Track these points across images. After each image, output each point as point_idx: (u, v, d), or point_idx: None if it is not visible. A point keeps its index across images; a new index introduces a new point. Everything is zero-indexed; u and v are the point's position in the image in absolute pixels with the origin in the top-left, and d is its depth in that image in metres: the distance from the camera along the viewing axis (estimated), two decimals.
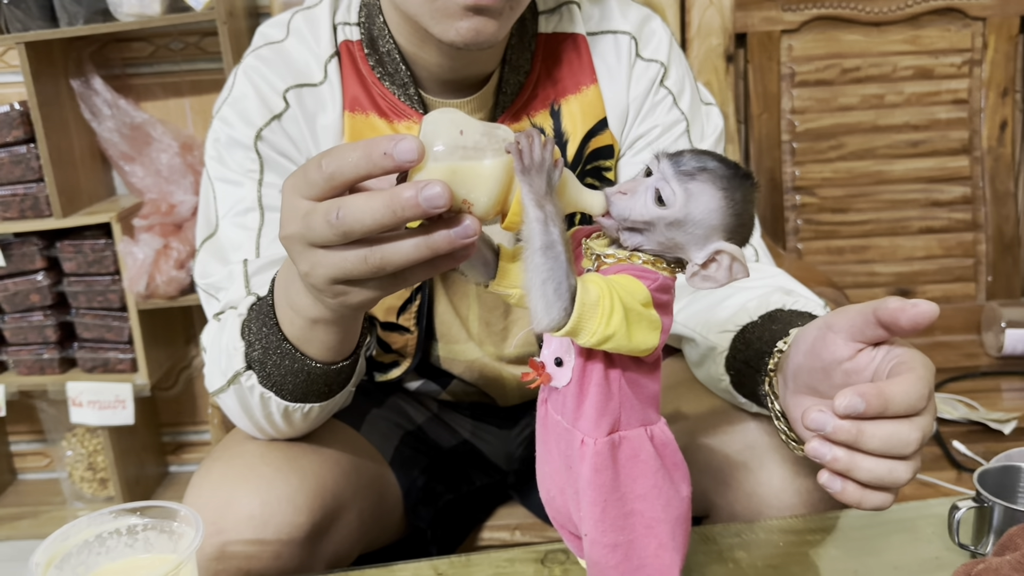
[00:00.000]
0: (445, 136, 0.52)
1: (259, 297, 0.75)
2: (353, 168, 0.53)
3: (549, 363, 0.56)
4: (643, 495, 0.56)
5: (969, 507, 0.69)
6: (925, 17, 1.78)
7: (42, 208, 1.79)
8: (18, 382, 1.91)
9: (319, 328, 0.67)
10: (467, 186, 0.52)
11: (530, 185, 0.51)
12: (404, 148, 0.51)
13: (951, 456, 1.38)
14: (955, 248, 1.81)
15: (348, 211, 0.52)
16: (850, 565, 0.70)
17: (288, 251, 0.59)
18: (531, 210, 0.51)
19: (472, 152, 0.52)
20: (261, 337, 0.72)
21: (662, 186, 0.53)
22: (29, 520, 2.03)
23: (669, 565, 0.57)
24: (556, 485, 0.59)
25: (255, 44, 0.91)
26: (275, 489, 0.76)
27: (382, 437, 0.98)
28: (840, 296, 1.31)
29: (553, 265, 0.50)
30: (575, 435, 0.56)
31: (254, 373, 0.74)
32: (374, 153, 0.52)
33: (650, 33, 0.93)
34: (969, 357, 1.72)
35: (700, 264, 0.54)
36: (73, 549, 0.62)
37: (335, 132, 0.87)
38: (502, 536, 1.09)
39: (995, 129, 1.80)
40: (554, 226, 0.50)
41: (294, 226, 0.56)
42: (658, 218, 0.53)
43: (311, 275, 0.57)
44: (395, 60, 0.86)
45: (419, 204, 0.50)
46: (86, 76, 1.84)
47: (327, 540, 0.80)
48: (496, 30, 0.76)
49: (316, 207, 0.54)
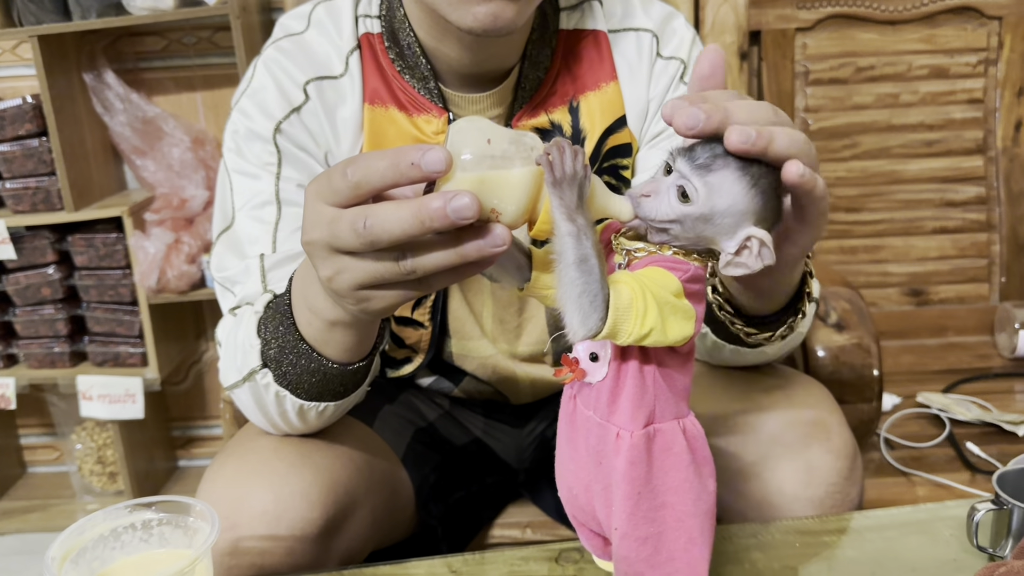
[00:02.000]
0: (472, 145, 0.52)
1: (276, 295, 0.75)
2: (380, 177, 0.53)
3: (584, 359, 0.56)
4: (675, 488, 0.56)
5: (988, 509, 0.68)
6: (941, 16, 1.77)
7: (54, 202, 1.80)
8: (29, 375, 1.92)
9: (337, 330, 0.67)
10: (495, 195, 0.52)
11: (561, 198, 0.50)
12: (432, 159, 0.51)
13: (965, 458, 1.37)
14: (969, 248, 1.80)
15: (376, 220, 0.52)
16: (867, 567, 0.70)
17: (310, 256, 0.58)
18: (563, 224, 0.50)
19: (500, 161, 0.52)
20: (278, 336, 0.72)
21: (684, 183, 0.53)
22: (39, 513, 2.03)
23: (698, 559, 0.57)
24: (581, 482, 0.59)
25: (275, 36, 0.91)
26: (288, 485, 0.76)
27: (394, 434, 0.97)
28: (855, 296, 1.30)
29: (587, 279, 0.50)
30: (609, 429, 0.56)
31: (270, 371, 0.74)
32: (402, 163, 0.52)
33: (672, 32, 0.92)
34: (982, 358, 1.71)
35: (734, 252, 0.54)
36: (88, 544, 0.62)
37: (355, 125, 0.87)
38: (513, 534, 1.08)
39: (1010, 129, 1.78)
40: (587, 239, 0.50)
41: (318, 232, 0.56)
42: (684, 215, 0.53)
43: (334, 280, 0.57)
44: (415, 53, 0.86)
45: (447, 215, 0.50)
46: (98, 70, 1.84)
47: (340, 536, 0.80)
48: (515, 15, 0.75)
49: (342, 214, 0.54)
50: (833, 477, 0.79)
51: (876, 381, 1.23)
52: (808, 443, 0.80)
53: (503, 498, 1.11)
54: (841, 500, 0.80)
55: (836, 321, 1.26)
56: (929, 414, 1.51)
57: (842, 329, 1.25)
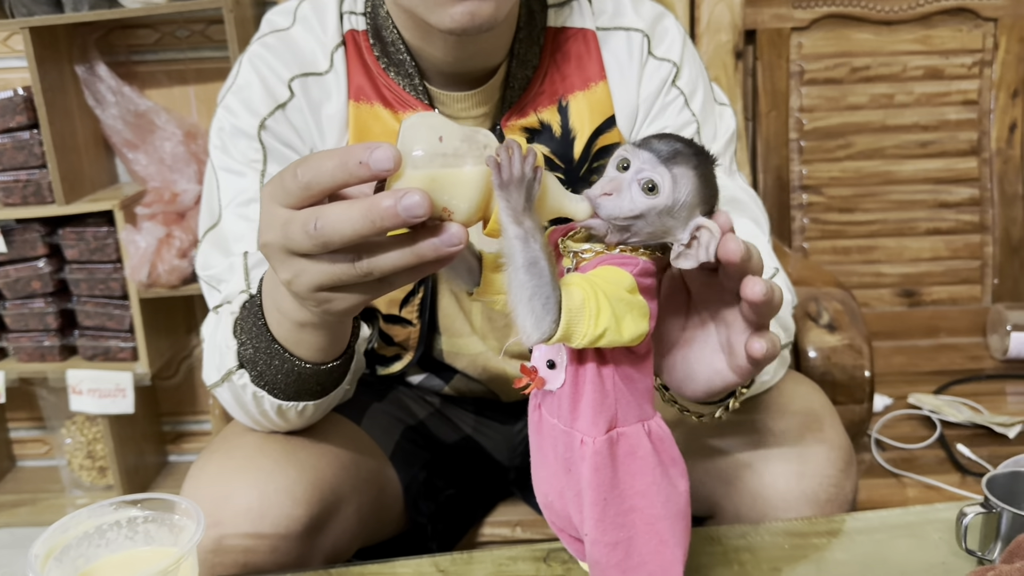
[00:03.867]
0: (424, 142, 0.51)
1: (252, 294, 0.75)
2: (330, 177, 0.52)
3: (541, 367, 0.56)
4: (642, 492, 0.55)
5: (977, 513, 0.68)
6: (936, 17, 1.76)
7: (44, 195, 1.79)
8: (18, 369, 1.91)
9: (307, 331, 0.67)
10: (447, 193, 0.51)
11: (508, 201, 0.50)
12: (380, 157, 0.50)
13: (955, 459, 1.37)
14: (962, 250, 1.80)
15: (326, 221, 0.52)
16: (856, 569, 0.70)
17: (269, 259, 0.58)
18: (510, 227, 0.50)
19: (452, 159, 0.51)
20: (252, 336, 0.71)
21: (652, 175, 0.53)
22: (28, 507, 2.03)
23: (671, 561, 0.56)
24: (554, 489, 0.59)
25: (261, 32, 0.90)
26: (273, 481, 0.75)
27: (383, 431, 0.97)
28: (847, 296, 1.30)
29: (538, 281, 0.50)
30: (574, 436, 0.55)
31: (246, 372, 0.74)
32: (350, 162, 0.51)
33: (663, 31, 0.92)
34: (974, 360, 1.71)
35: (685, 244, 0.54)
36: (73, 541, 0.62)
37: (340, 122, 0.87)
38: (503, 532, 1.08)
39: (1004, 131, 1.79)
40: (535, 241, 0.50)
41: (272, 234, 0.55)
42: (650, 208, 0.53)
43: (293, 283, 0.57)
44: (400, 51, 0.85)
45: (398, 214, 0.50)
46: (90, 62, 1.83)
47: (325, 534, 0.80)
48: (493, 11, 0.74)
49: (294, 216, 0.53)
50: (828, 469, 0.79)
51: (868, 382, 1.22)
52: (802, 436, 0.80)
53: (494, 496, 1.11)
54: (836, 494, 0.79)
55: (828, 322, 1.26)
56: (920, 415, 1.51)
57: (834, 330, 1.25)
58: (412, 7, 0.76)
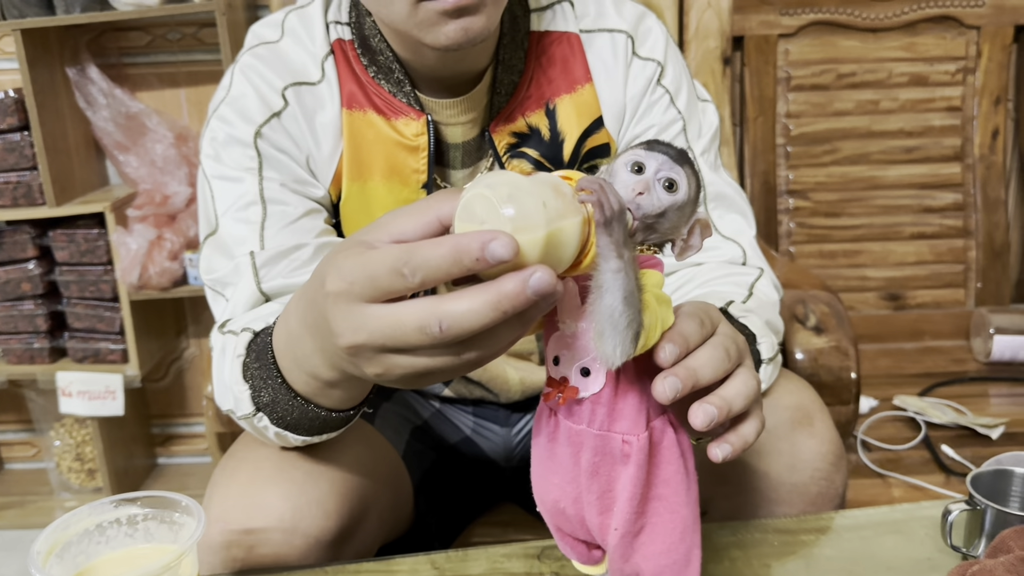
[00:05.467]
0: (513, 203, 0.47)
1: (255, 333, 0.73)
2: (444, 275, 0.48)
3: (573, 376, 0.56)
4: (667, 480, 0.57)
5: (962, 510, 0.70)
6: (921, 24, 1.79)
7: (35, 196, 1.78)
8: (7, 371, 1.90)
9: (338, 387, 0.65)
10: (557, 251, 0.48)
11: (611, 236, 0.50)
12: (498, 251, 0.46)
13: (940, 460, 1.39)
14: (946, 254, 1.83)
15: (453, 321, 0.47)
16: (844, 565, 0.71)
17: (355, 360, 0.53)
18: (612, 261, 0.50)
19: (551, 213, 0.47)
20: (268, 388, 0.69)
21: (671, 175, 0.55)
22: (16, 510, 2.02)
23: (691, 547, 0.58)
24: (568, 496, 0.59)
25: (249, 43, 0.90)
26: (305, 494, 0.75)
27: (394, 432, 0.97)
28: (834, 299, 1.32)
29: (634, 312, 0.50)
30: (611, 439, 0.56)
31: (265, 415, 0.72)
32: (464, 259, 0.46)
33: (646, 31, 0.93)
34: (957, 362, 1.74)
35: (685, 239, 0.56)
36: (74, 538, 0.62)
37: (334, 130, 0.87)
38: (494, 533, 1.09)
39: (987, 137, 1.81)
40: (633, 272, 0.50)
41: (364, 336, 0.50)
42: (671, 205, 0.55)
43: (385, 376, 0.53)
44: (388, 59, 0.85)
45: (529, 297, 0.46)
46: (82, 64, 1.83)
47: (352, 543, 0.80)
48: (484, 24, 0.75)
49: (404, 317, 0.49)
50: (818, 463, 0.80)
51: (854, 383, 1.24)
52: (792, 429, 0.81)
53: (491, 497, 1.12)
54: (827, 487, 0.80)
55: (815, 324, 1.27)
56: (905, 417, 1.53)
57: (821, 332, 1.26)
58: (405, 29, 0.77)
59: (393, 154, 0.87)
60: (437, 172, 0.90)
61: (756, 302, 0.84)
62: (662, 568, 0.58)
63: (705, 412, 0.55)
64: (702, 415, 0.55)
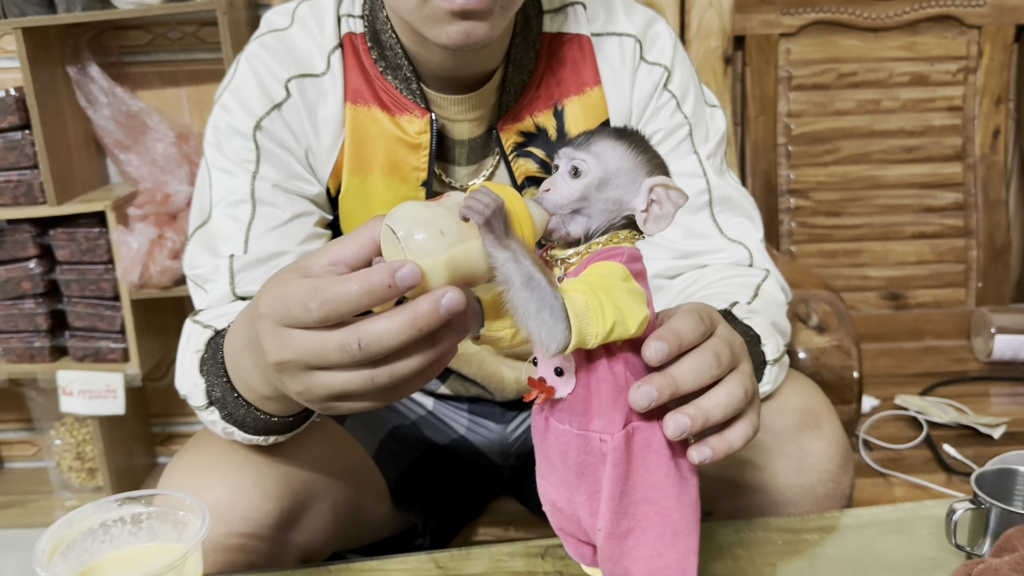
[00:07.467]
0: (419, 227, 0.52)
1: (216, 331, 0.76)
2: (354, 307, 0.52)
3: (549, 376, 0.56)
4: (657, 484, 0.57)
5: (966, 509, 0.70)
6: (922, 24, 1.79)
7: (36, 195, 1.78)
8: (8, 370, 1.90)
9: (275, 400, 0.68)
10: (463, 267, 0.53)
11: (492, 232, 0.51)
12: (406, 276, 0.51)
13: (942, 459, 1.39)
14: (947, 254, 1.83)
15: (371, 339, 0.51)
16: (847, 564, 0.71)
17: (280, 377, 0.57)
18: (499, 254, 0.51)
19: (454, 240, 0.52)
20: (218, 386, 0.73)
21: (571, 162, 0.56)
22: (16, 509, 2.02)
23: (685, 552, 0.58)
24: (563, 496, 0.59)
25: (260, 30, 0.91)
26: (242, 475, 0.76)
27: (367, 431, 0.97)
28: (836, 299, 1.32)
29: (540, 294, 0.51)
30: (590, 438, 0.56)
31: (216, 409, 0.74)
32: (377, 288, 0.51)
33: (655, 36, 0.93)
34: (959, 362, 1.74)
35: (644, 209, 0.56)
36: (77, 536, 0.62)
37: (336, 124, 0.87)
38: (496, 532, 1.09)
39: (988, 136, 1.81)
40: (524, 258, 0.51)
41: (288, 354, 0.55)
42: (586, 187, 0.56)
43: (306, 394, 0.57)
44: (398, 55, 0.86)
45: (442, 315, 0.51)
46: (83, 63, 1.83)
47: (298, 530, 0.80)
48: (487, 31, 0.76)
49: (326, 338, 0.53)
50: (826, 464, 0.80)
51: (856, 383, 1.24)
52: (800, 431, 0.81)
53: (488, 496, 1.12)
54: (834, 489, 0.80)
55: (817, 323, 1.27)
56: (907, 416, 1.53)
57: (823, 331, 1.26)
58: (411, 21, 0.78)
59: (394, 150, 0.87)
60: (441, 168, 0.90)
61: (761, 303, 0.84)
62: (652, 572, 0.58)
63: (676, 423, 0.55)
64: (673, 425, 0.55)
